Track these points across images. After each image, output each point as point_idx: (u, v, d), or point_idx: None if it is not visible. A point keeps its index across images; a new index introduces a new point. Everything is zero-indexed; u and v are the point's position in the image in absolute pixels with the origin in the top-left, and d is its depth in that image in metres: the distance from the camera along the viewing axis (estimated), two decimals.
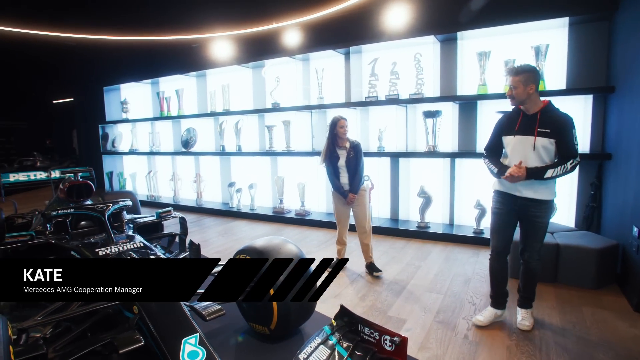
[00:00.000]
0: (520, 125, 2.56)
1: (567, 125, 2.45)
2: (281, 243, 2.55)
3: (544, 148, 2.48)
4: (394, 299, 3.25)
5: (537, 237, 2.65)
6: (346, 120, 3.70)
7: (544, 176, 2.45)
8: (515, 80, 2.50)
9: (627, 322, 2.79)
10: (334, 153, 3.71)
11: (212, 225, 6.20)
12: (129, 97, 8.53)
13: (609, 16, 3.96)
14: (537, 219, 2.59)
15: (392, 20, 4.85)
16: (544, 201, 2.56)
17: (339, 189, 3.72)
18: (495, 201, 2.74)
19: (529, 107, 2.54)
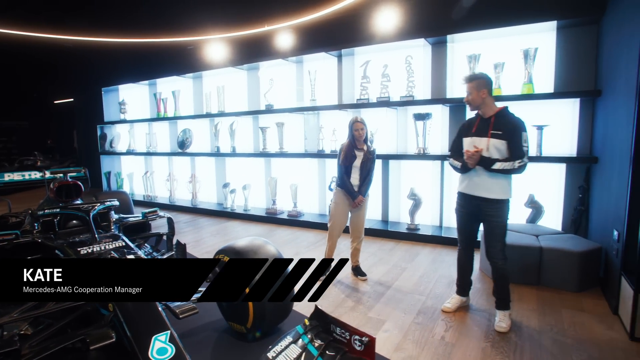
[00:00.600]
0: (477, 127, 2.81)
1: (518, 128, 2.65)
2: (261, 244, 2.59)
3: (496, 148, 2.68)
4: (376, 300, 3.28)
5: (495, 237, 2.78)
6: (363, 124, 3.59)
7: (491, 166, 2.65)
8: (469, 86, 2.76)
9: (604, 324, 2.81)
10: (352, 152, 3.64)
11: (206, 226, 6.25)
12: (127, 98, 8.60)
13: (597, 20, 3.99)
14: (493, 219, 2.76)
15: (383, 23, 4.88)
16: (498, 200, 2.73)
17: (349, 188, 3.62)
18: (457, 202, 3.00)
19: (485, 111, 2.78)
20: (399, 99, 5.03)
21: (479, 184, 2.77)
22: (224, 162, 7.30)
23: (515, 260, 3.54)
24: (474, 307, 3.12)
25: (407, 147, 5.23)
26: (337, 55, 5.53)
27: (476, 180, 2.78)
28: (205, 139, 7.46)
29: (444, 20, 4.74)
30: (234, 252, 2.48)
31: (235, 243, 2.59)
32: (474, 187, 2.80)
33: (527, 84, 4.32)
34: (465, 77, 2.81)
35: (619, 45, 3.28)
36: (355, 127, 3.58)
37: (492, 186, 2.72)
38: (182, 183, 7.82)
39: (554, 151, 4.36)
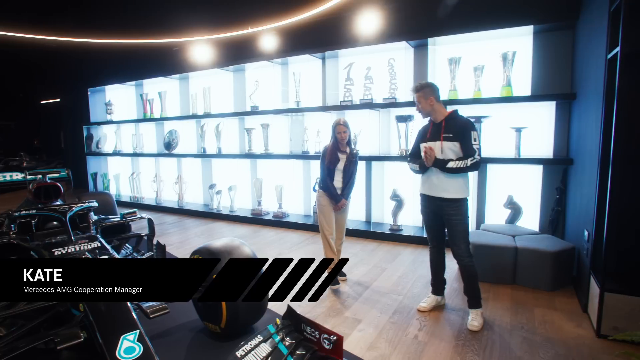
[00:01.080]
0: (430, 133, 2.94)
1: (467, 128, 2.78)
2: (236, 245, 2.61)
3: (449, 149, 2.82)
4: (353, 300, 3.32)
5: (458, 235, 2.87)
6: (345, 127, 3.56)
7: (446, 166, 2.78)
8: (417, 96, 2.91)
9: (574, 322, 2.87)
10: (335, 155, 3.60)
11: (191, 227, 6.25)
12: (114, 99, 8.57)
13: (572, 25, 4.07)
14: (452, 217, 2.85)
15: (366, 25, 4.94)
16: (455, 199, 2.84)
17: (333, 191, 3.57)
18: (420, 203, 3.10)
19: (436, 116, 2.92)
20: (381, 101, 5.09)
21: (437, 185, 2.88)
22: (210, 163, 7.30)
23: (491, 260, 3.62)
24: (450, 307, 3.17)
25: (390, 149, 5.29)
26: (322, 58, 5.57)
27: (434, 181, 2.89)
28: (192, 140, 7.46)
29: (425, 23, 4.81)
30: (208, 253, 2.51)
31: (211, 244, 2.61)
32: (433, 189, 2.91)
33: (506, 87, 4.40)
34: (413, 88, 2.94)
35: (590, 50, 3.36)
36: (338, 129, 3.55)
37: (449, 186, 2.83)
38: (168, 184, 7.80)
39: (532, 153, 4.44)
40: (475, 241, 3.71)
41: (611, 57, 2.64)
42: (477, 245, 3.67)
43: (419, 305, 3.12)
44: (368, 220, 5.47)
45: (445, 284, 3.20)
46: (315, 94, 5.81)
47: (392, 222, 5.12)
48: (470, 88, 4.64)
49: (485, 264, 3.64)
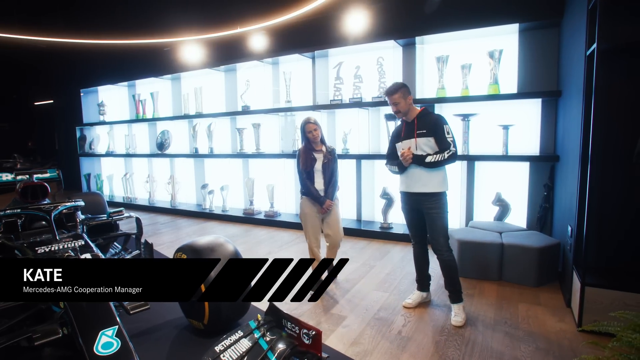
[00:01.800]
0: (404, 132, 2.99)
1: (438, 123, 2.85)
2: (220, 243, 2.62)
3: (424, 145, 2.87)
4: (340, 297, 3.34)
5: (437, 229, 2.90)
6: (316, 124, 3.41)
7: (425, 161, 2.83)
8: (396, 97, 2.89)
9: (557, 317, 2.90)
10: (310, 156, 3.45)
11: (184, 226, 6.26)
12: (106, 100, 8.57)
13: (557, 23, 4.11)
14: (432, 211, 2.88)
15: (354, 25, 4.96)
16: (434, 194, 2.88)
17: (314, 194, 3.41)
18: (401, 201, 3.12)
19: (409, 115, 2.97)
20: (371, 100, 5.11)
21: (416, 181, 2.91)
22: (203, 163, 7.31)
23: (477, 257, 3.65)
24: (435, 303, 3.19)
25: (379, 147, 5.31)
26: (311, 57, 5.59)
27: (413, 177, 2.92)
28: (184, 140, 7.47)
29: (412, 22, 4.84)
30: (191, 250, 2.52)
31: (195, 241, 2.63)
32: (412, 184, 2.94)
33: (493, 85, 4.43)
34: (389, 90, 2.93)
35: (572, 47, 3.39)
36: (307, 128, 3.39)
37: (428, 181, 2.87)
38: (161, 184, 7.80)
39: (520, 150, 4.47)
40: (462, 238, 3.74)
41: (589, 53, 2.66)
42: (464, 242, 3.70)
43: (404, 302, 3.14)
44: (358, 219, 5.49)
45: (430, 280, 3.22)
46: (306, 93, 5.83)
47: (383, 221, 5.14)
48: (458, 86, 4.67)
49: (472, 261, 3.67)
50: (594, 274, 2.77)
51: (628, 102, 2.77)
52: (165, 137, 7.61)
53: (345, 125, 5.49)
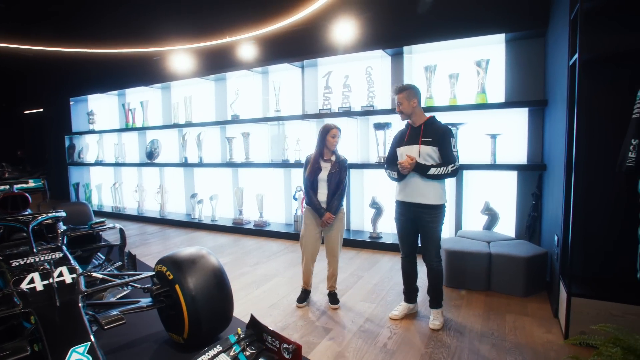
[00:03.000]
0: (408, 136, 2.91)
1: (446, 135, 2.78)
2: (202, 255, 2.56)
3: (427, 154, 2.80)
4: (326, 309, 3.28)
5: (432, 242, 2.89)
6: (339, 130, 3.27)
7: (427, 172, 2.76)
8: (400, 97, 2.87)
9: (544, 328, 2.87)
10: (317, 164, 3.28)
11: (173, 236, 6.17)
12: (96, 109, 8.51)
13: (543, 34, 4.15)
14: (430, 224, 2.85)
15: (343, 34, 4.97)
16: (434, 206, 2.83)
17: (315, 205, 3.25)
18: (395, 211, 3.05)
19: (415, 120, 2.91)
20: (359, 109, 5.11)
21: (415, 191, 2.85)
22: (192, 172, 7.25)
23: (466, 267, 3.62)
24: (422, 314, 3.15)
25: (368, 156, 5.30)
26: (300, 66, 5.59)
27: (412, 187, 2.87)
28: (174, 150, 7.42)
29: (400, 32, 4.87)
30: (172, 263, 2.46)
31: (176, 253, 2.57)
32: (411, 195, 2.88)
33: (481, 94, 4.45)
34: (395, 89, 2.91)
35: (557, 60, 3.41)
36: (332, 133, 3.22)
37: (428, 193, 2.82)
38: (150, 194, 7.72)
39: (508, 159, 4.48)
40: (451, 248, 3.71)
41: (572, 63, 2.68)
42: (452, 252, 3.67)
43: (390, 314, 3.10)
44: (348, 228, 5.45)
45: (418, 291, 3.19)
46: (295, 102, 5.82)
47: (372, 230, 5.11)
48: (446, 95, 4.68)
49: (460, 271, 3.64)
50: (581, 284, 2.75)
51: (611, 111, 2.78)
52: (154, 146, 7.55)
53: None
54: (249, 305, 3.40)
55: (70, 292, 2.09)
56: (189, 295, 2.33)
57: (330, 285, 3.39)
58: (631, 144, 2.45)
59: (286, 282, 3.92)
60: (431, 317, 2.96)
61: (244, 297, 3.59)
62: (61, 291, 2.07)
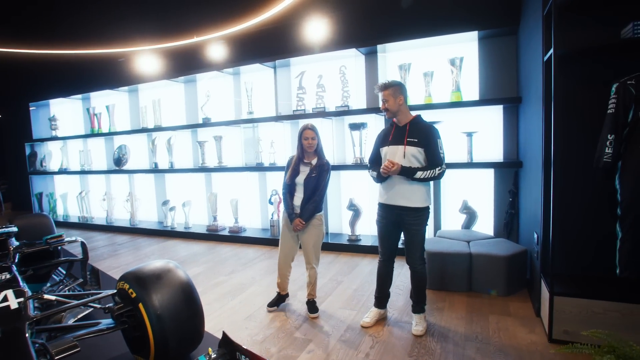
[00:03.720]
0: (393, 136, 2.79)
1: (433, 135, 2.68)
2: (168, 270, 2.37)
3: (413, 156, 2.69)
4: (305, 318, 3.14)
5: (416, 245, 2.80)
6: (314, 131, 3.09)
7: (413, 175, 2.64)
8: (386, 94, 2.74)
9: (527, 328, 2.82)
10: (296, 167, 3.17)
11: (144, 246, 5.89)
12: (58, 114, 8.07)
13: (514, 31, 4.14)
14: (413, 227, 2.76)
15: (315, 33, 4.84)
16: (418, 209, 2.74)
17: (288, 209, 3.16)
18: (378, 214, 2.94)
19: (400, 118, 2.79)
20: (334, 109, 4.99)
21: (399, 194, 2.75)
22: (163, 178, 6.97)
23: (446, 268, 3.55)
24: (405, 320, 3.05)
25: (345, 157, 5.20)
26: (273, 67, 5.44)
27: (396, 190, 2.76)
28: (143, 155, 7.11)
29: (374, 30, 4.79)
30: (135, 279, 2.26)
31: (140, 269, 2.37)
32: (395, 197, 2.78)
33: (456, 92, 4.41)
34: (381, 85, 2.79)
35: (530, 56, 3.39)
36: (305, 135, 3.08)
37: (412, 195, 2.73)
38: (120, 202, 7.38)
39: (484, 157, 4.46)
40: (431, 249, 3.63)
41: (547, 59, 2.64)
42: (433, 253, 3.60)
43: (362, 321, 2.98)
44: (326, 232, 5.31)
45: (389, 297, 3.10)
46: (268, 104, 5.65)
47: (350, 233, 5.00)
48: (421, 94, 4.63)
49: (441, 272, 3.57)
50: (562, 282, 2.71)
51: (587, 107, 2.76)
52: (122, 152, 7.21)
53: None
54: (223, 318, 3.22)
55: (15, 319, 1.87)
56: (153, 314, 2.14)
57: (308, 293, 3.25)
58: (607, 140, 2.43)
59: (263, 290, 3.76)
60: (414, 322, 2.87)
61: (219, 309, 3.40)
62: (4, 318, 1.85)
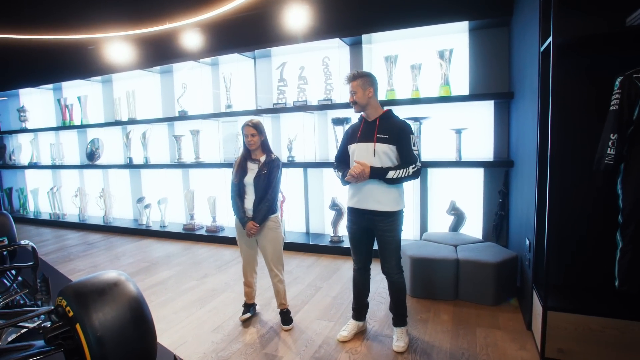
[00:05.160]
0: (361, 132, 2.54)
1: (405, 131, 2.44)
2: (114, 283, 2.05)
3: (384, 153, 2.45)
4: (277, 331, 2.88)
5: (391, 252, 2.55)
6: (255, 129, 2.84)
7: (385, 176, 2.40)
8: (354, 85, 2.50)
9: (517, 343, 2.59)
10: (244, 166, 2.93)
11: (117, 245, 5.56)
12: (28, 105, 7.64)
13: (507, 22, 3.90)
14: (387, 233, 2.50)
15: (296, 21, 4.53)
16: (390, 213, 2.49)
17: (239, 213, 2.89)
18: (348, 219, 2.68)
19: (370, 113, 2.55)
20: (316, 103, 4.71)
21: (369, 197, 2.50)
22: (139, 174, 6.62)
23: (432, 275, 3.32)
24: (385, 334, 2.80)
25: (328, 154, 4.92)
26: (252, 57, 5.12)
27: (366, 192, 2.51)
28: (118, 149, 6.76)
29: (358, 19, 4.49)
30: (75, 295, 1.95)
31: (82, 282, 2.05)
32: (365, 201, 2.52)
33: (444, 86, 4.16)
34: (349, 76, 2.53)
35: (525, 47, 3.15)
36: (245, 131, 2.85)
37: (383, 198, 2.47)
38: (93, 199, 7.01)
39: (473, 155, 4.22)
40: (415, 254, 3.39)
41: (544, 49, 2.39)
42: (417, 259, 3.36)
43: (339, 335, 2.73)
44: (307, 232, 5.06)
45: (368, 308, 2.87)
46: (248, 96, 5.34)
47: (332, 234, 4.74)
48: (408, 88, 4.36)
49: (426, 279, 3.33)
50: (556, 294, 2.49)
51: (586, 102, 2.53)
52: (96, 146, 6.83)
53: (290, 131, 5.06)
54: (189, 329, 2.94)
55: None
56: (92, 337, 1.84)
57: (279, 303, 2.99)
58: (610, 139, 2.19)
59: (235, 298, 3.48)
60: (395, 337, 2.63)
61: (185, 318, 3.12)
62: None
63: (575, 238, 2.65)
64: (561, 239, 2.62)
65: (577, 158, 2.57)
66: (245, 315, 3.05)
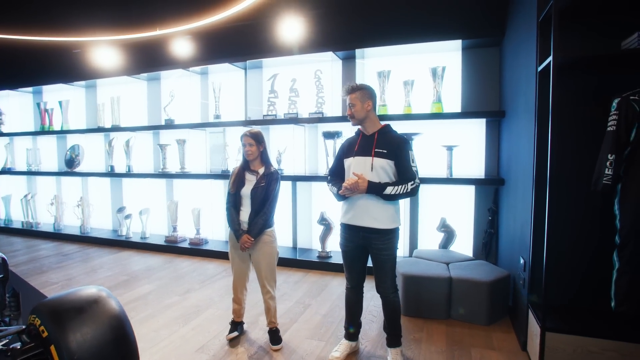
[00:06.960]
0: (359, 146, 2.48)
1: (404, 146, 2.38)
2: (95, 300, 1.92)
3: (382, 168, 2.38)
4: (264, 352, 2.74)
5: (386, 271, 2.47)
6: (254, 139, 2.79)
7: (383, 192, 2.32)
8: (352, 97, 2.44)
9: None
10: (241, 176, 2.86)
11: (95, 257, 5.30)
12: (5, 108, 7.35)
13: (498, 42, 3.96)
14: (382, 252, 2.42)
15: (289, 33, 4.50)
16: (387, 230, 2.41)
17: (234, 225, 2.80)
18: (341, 236, 2.59)
19: (368, 127, 2.49)
20: (307, 116, 4.65)
21: (365, 213, 2.41)
22: (120, 183, 6.40)
23: (424, 293, 3.25)
24: (371, 353, 2.70)
25: (317, 168, 4.85)
26: (243, 67, 5.05)
27: (361, 208, 2.42)
28: (99, 157, 6.53)
29: (352, 33, 4.50)
30: (50, 313, 1.80)
31: (58, 299, 1.90)
32: (360, 217, 2.43)
33: (437, 103, 4.17)
34: (348, 88, 2.48)
35: (518, 67, 3.18)
36: (243, 141, 2.81)
37: (379, 215, 2.39)
38: (70, 207, 6.72)
39: (464, 172, 4.23)
40: (407, 272, 3.32)
41: (542, 69, 2.40)
42: (409, 276, 3.29)
43: (330, 356, 2.61)
44: (294, 246, 4.95)
45: (361, 327, 2.78)
46: (237, 107, 5.25)
47: (321, 249, 4.64)
48: (400, 103, 4.36)
49: (418, 298, 3.26)
50: (553, 316, 2.45)
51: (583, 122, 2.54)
52: (76, 153, 6.59)
53: (280, 144, 4.98)
54: (171, 349, 2.77)
55: None
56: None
57: (269, 321, 2.85)
58: (607, 160, 2.20)
59: (220, 315, 3.33)
60: (389, 358, 2.54)
61: (167, 337, 2.96)
62: None
63: (572, 258, 2.64)
64: (558, 258, 2.59)
65: (570, 177, 2.57)
66: (232, 334, 2.91)
